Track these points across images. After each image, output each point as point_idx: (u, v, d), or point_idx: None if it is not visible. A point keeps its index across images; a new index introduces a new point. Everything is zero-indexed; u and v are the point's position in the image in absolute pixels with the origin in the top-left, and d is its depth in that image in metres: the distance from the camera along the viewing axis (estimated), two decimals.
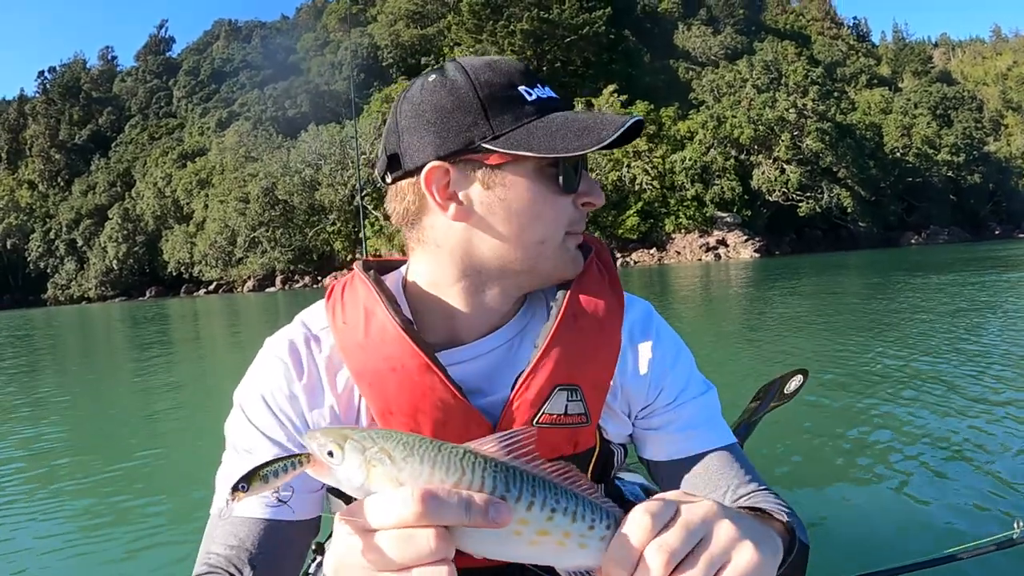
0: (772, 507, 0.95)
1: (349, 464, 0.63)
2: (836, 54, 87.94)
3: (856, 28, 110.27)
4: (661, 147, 50.81)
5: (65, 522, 4.08)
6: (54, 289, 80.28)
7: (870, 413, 4.96)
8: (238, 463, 1.01)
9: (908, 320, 9.76)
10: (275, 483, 0.63)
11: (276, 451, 0.99)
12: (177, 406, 7.97)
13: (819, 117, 52.62)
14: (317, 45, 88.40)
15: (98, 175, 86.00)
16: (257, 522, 0.97)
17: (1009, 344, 7.14)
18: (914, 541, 2.89)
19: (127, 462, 5.33)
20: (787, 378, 2.48)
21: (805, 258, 40.53)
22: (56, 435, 6.70)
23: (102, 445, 6.20)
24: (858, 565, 2.16)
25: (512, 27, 55.95)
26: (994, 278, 16.10)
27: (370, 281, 1.04)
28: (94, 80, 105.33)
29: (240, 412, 1.04)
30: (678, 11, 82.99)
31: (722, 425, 1.12)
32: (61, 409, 8.28)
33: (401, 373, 0.96)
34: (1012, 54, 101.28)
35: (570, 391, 1.01)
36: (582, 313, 1.03)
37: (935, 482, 3.56)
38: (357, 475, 0.63)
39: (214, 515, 1.01)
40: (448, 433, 0.97)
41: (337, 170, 55.18)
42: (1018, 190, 71.88)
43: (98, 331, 25.37)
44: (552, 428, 1.01)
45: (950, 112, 69.46)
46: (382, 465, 0.62)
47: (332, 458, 0.63)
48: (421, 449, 0.62)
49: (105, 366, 13.38)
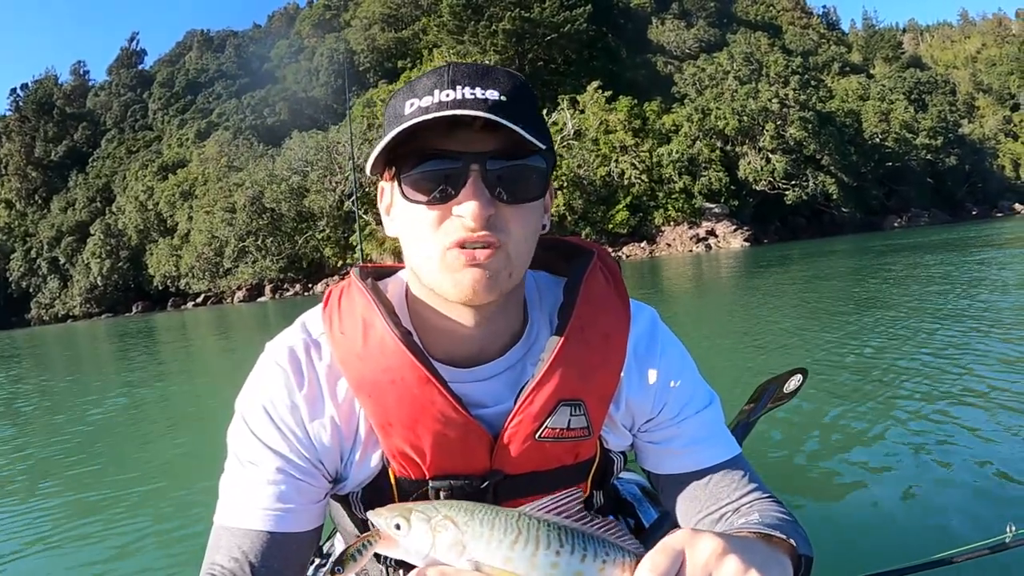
0: (777, 524, 0.93)
1: (416, 533, 0.69)
2: (808, 43, 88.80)
3: (826, 16, 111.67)
4: (647, 141, 51.14)
5: (56, 529, 4.09)
6: (38, 308, 78.85)
7: (862, 416, 4.96)
8: (242, 474, 1.00)
9: (904, 313, 9.58)
10: (361, 561, 0.73)
11: (279, 462, 0.99)
12: (173, 416, 7.95)
13: (800, 106, 53.20)
14: (292, 52, 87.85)
15: (77, 191, 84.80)
16: (260, 534, 0.97)
17: (1006, 346, 6.92)
18: (907, 544, 2.91)
19: (124, 475, 5.32)
20: (786, 378, 2.47)
21: (793, 245, 40.90)
22: (61, 442, 6.74)
23: (103, 453, 6.20)
24: (851, 568, 2.20)
25: (494, 27, 56.04)
26: (987, 258, 16.35)
27: (368, 290, 1.02)
28: (67, 96, 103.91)
29: (242, 422, 1.03)
30: (651, 6, 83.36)
31: (725, 437, 1.12)
32: (68, 417, 8.32)
33: (400, 385, 0.95)
34: (980, 37, 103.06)
35: (573, 406, 1.00)
36: (589, 324, 1.02)
37: (928, 485, 3.59)
38: (424, 543, 0.68)
39: (217, 525, 1.00)
40: (448, 445, 0.98)
41: (325, 176, 55.02)
42: (992, 171, 73.30)
43: (100, 346, 25.12)
44: (554, 442, 1.01)
45: (924, 96, 70.55)
46: (446, 531, 0.67)
47: (399, 531, 0.69)
48: (481, 514, 0.68)
49: (113, 378, 13.31)
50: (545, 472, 1.05)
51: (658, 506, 1.64)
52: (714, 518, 1.06)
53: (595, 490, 1.16)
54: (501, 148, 0.92)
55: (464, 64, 0.97)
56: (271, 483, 0.99)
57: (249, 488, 0.99)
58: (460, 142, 0.92)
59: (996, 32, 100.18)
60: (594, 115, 51.69)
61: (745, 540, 0.73)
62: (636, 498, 1.68)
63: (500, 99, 0.92)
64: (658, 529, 1.45)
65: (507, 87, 0.94)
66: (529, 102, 0.97)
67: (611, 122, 51.36)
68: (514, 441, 1.00)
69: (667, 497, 1.14)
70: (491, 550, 0.67)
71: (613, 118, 51.40)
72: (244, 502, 0.98)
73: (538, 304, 1.11)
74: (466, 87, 0.92)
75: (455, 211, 0.92)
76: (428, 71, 0.97)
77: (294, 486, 1.00)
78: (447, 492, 1.01)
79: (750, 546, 0.71)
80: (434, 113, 0.88)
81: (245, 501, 0.98)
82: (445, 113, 0.88)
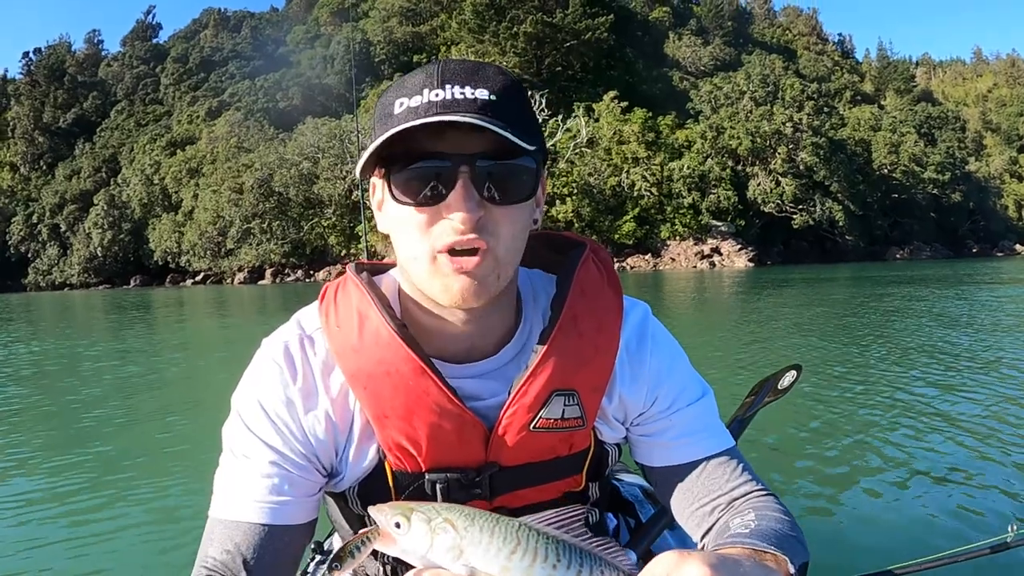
0: (771, 532, 0.91)
1: (415, 533, 0.68)
2: (822, 69, 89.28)
3: (841, 44, 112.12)
4: (660, 155, 51.38)
5: (47, 526, 3.78)
6: (35, 274, 78.65)
7: (864, 416, 5.02)
8: (236, 468, 1.01)
9: (905, 327, 9.85)
10: (359, 557, 0.72)
11: (273, 456, 1.00)
12: (167, 401, 7.37)
13: (813, 132, 53.62)
14: (308, 38, 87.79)
15: (82, 160, 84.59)
16: (253, 527, 0.97)
17: (1004, 352, 7.20)
18: (909, 544, 2.91)
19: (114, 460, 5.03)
20: (781, 374, 2.49)
21: (797, 268, 40.98)
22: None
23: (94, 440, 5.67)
24: (852, 568, 2.20)
25: (516, 29, 56.21)
26: (987, 293, 16.66)
27: (363, 284, 1.03)
28: (79, 63, 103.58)
29: (238, 418, 1.03)
30: (669, 20, 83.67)
31: (718, 429, 1.12)
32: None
33: (396, 377, 0.96)
34: (992, 76, 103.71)
35: (567, 396, 1.01)
36: (582, 315, 1.03)
37: (929, 485, 3.60)
38: (422, 544, 0.68)
39: (212, 518, 1.01)
40: (443, 436, 0.98)
41: (336, 164, 55.05)
42: (996, 210, 73.75)
43: (96, 316, 24.98)
44: (548, 432, 1.01)
45: (934, 131, 71.08)
46: (445, 534, 0.67)
47: (399, 529, 0.69)
48: (481, 520, 0.68)
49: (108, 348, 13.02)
50: (540, 463, 1.05)
51: (658, 506, 1.65)
52: (706, 510, 1.06)
53: (590, 482, 1.15)
54: (491, 148, 0.91)
55: (455, 61, 0.95)
56: (265, 476, 0.99)
57: (243, 481, 0.99)
58: (449, 142, 0.90)
59: (1008, 72, 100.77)
60: (608, 124, 51.89)
61: (734, 562, 0.72)
62: (637, 499, 1.70)
63: (490, 99, 0.90)
64: (653, 525, 1.48)
65: (498, 86, 0.92)
66: (520, 101, 0.96)
67: (625, 133, 51.56)
68: (509, 432, 1.00)
69: (661, 490, 1.14)
70: (488, 558, 0.67)
71: (627, 129, 51.62)
72: (238, 495, 0.98)
73: (532, 302, 1.11)
74: (456, 86, 0.91)
75: (444, 213, 0.91)
76: (418, 68, 0.96)
77: (288, 479, 0.99)
78: (443, 485, 1.01)
79: (738, 569, 0.70)
80: (422, 118, 0.87)
81: (239, 494, 0.98)
82: (431, 119, 0.86)
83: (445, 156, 0.90)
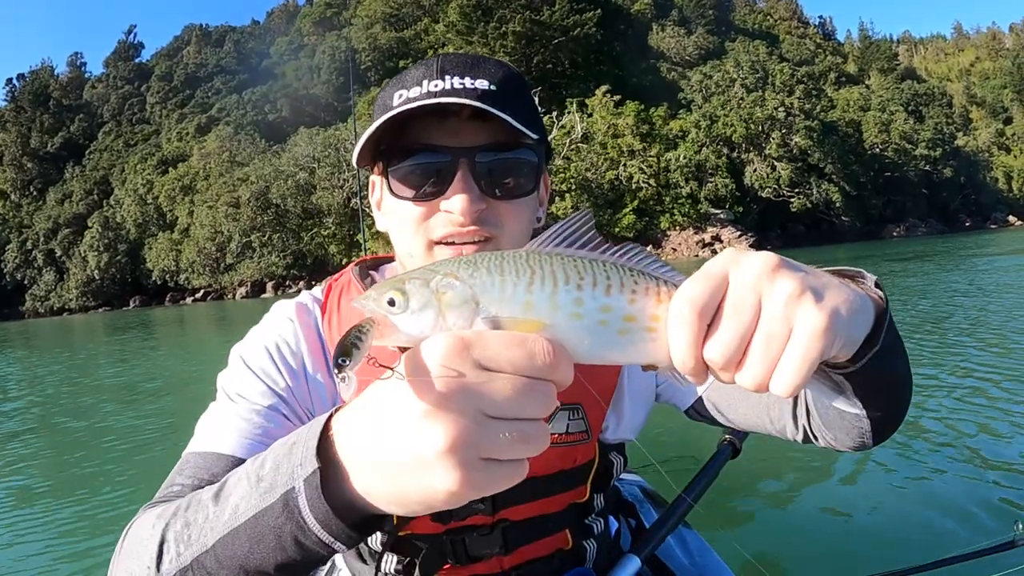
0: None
1: (417, 302, 0.56)
2: (804, 53, 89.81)
3: (822, 27, 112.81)
4: (655, 146, 51.55)
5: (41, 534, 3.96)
6: (32, 301, 78.37)
7: None
8: (228, 407, 0.96)
9: (910, 322, 9.37)
10: (364, 349, 0.56)
11: (271, 399, 0.96)
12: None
13: (805, 115, 53.96)
14: (292, 49, 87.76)
15: (73, 183, 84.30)
16: (235, 460, 0.89)
17: (1010, 347, 6.98)
18: (915, 543, 2.90)
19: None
20: None
21: (795, 252, 40.62)
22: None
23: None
24: (859, 568, 2.17)
25: (503, 29, 56.32)
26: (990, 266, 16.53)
27: (364, 287, 1.03)
28: (63, 87, 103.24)
29: (239, 361, 1.01)
30: (651, 12, 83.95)
31: None
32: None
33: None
34: (974, 50, 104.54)
35: (572, 410, 1.00)
36: None
37: (935, 484, 3.56)
38: (428, 312, 0.56)
39: (187, 452, 0.94)
40: None
41: (333, 173, 55.08)
42: (986, 183, 74.37)
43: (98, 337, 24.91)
44: (552, 447, 0.93)
45: (921, 108, 71.59)
46: (452, 290, 0.56)
47: (395, 307, 0.57)
48: (484, 262, 0.57)
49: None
50: (543, 477, 1.02)
51: (659, 507, 1.67)
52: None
53: (595, 492, 1.12)
54: (491, 141, 0.89)
55: (454, 54, 0.93)
56: (259, 414, 0.94)
57: (233, 418, 0.94)
58: (449, 135, 0.88)
59: (990, 46, 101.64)
60: (602, 119, 52.02)
61: (807, 267, 0.58)
62: (637, 499, 1.69)
63: (490, 88, 0.88)
64: (659, 529, 1.37)
65: (498, 76, 0.91)
66: (521, 92, 0.94)
67: (619, 126, 51.73)
68: None
69: (720, 409, 1.10)
70: (506, 299, 0.56)
71: (621, 122, 51.76)
72: (224, 430, 0.93)
73: None
74: (455, 76, 0.89)
75: (443, 206, 0.89)
76: (418, 62, 0.95)
77: (281, 424, 0.95)
78: None
79: (811, 270, 0.57)
80: (420, 102, 0.85)
81: (226, 429, 0.93)
82: (431, 101, 0.84)
83: (444, 149, 0.88)
